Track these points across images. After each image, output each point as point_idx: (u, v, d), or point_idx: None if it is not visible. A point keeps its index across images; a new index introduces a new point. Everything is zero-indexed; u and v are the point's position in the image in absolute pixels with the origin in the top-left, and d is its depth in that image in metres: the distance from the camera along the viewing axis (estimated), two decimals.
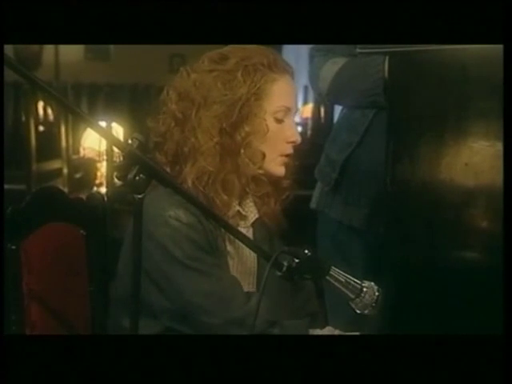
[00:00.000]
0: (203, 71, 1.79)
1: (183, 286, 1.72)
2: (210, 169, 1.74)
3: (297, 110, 1.87)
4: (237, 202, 1.84)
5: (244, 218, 1.86)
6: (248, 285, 1.86)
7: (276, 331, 1.73)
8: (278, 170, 1.83)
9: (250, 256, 1.86)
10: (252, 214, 1.88)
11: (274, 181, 1.86)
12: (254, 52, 1.80)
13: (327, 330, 1.84)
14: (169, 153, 1.79)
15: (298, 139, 1.82)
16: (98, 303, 1.96)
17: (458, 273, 1.83)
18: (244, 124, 1.76)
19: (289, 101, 1.82)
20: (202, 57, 1.82)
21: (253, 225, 1.89)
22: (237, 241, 1.79)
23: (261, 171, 1.80)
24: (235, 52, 1.79)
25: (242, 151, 1.77)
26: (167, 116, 1.80)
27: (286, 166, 1.84)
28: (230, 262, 1.82)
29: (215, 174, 1.75)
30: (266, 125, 1.77)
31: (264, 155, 1.78)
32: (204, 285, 1.72)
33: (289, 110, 1.81)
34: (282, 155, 1.81)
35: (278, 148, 1.81)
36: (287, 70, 1.83)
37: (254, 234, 1.88)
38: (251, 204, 1.88)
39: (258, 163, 1.78)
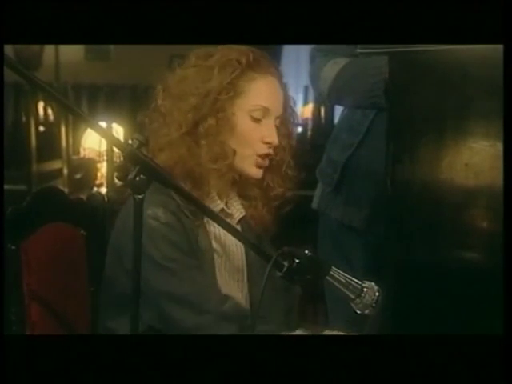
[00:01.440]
0: (188, 67, 1.82)
1: (157, 287, 1.71)
2: (175, 158, 1.75)
3: (284, 116, 1.86)
4: (223, 201, 1.84)
5: (229, 216, 1.86)
6: (237, 281, 1.86)
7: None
8: (253, 170, 1.82)
9: (238, 253, 1.86)
10: (238, 212, 1.88)
11: (262, 186, 1.86)
12: (236, 50, 1.81)
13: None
14: (154, 148, 1.80)
15: (275, 141, 1.82)
16: (97, 303, 1.95)
17: (458, 273, 1.83)
18: (208, 117, 1.77)
19: (268, 101, 1.81)
20: (190, 53, 1.83)
21: (239, 222, 1.89)
22: (223, 238, 1.80)
23: (229, 168, 1.79)
24: (220, 50, 1.81)
25: (203, 142, 1.77)
26: (156, 113, 1.81)
27: (264, 168, 1.83)
28: (218, 260, 1.82)
29: (182, 164, 1.76)
30: (234, 121, 1.78)
31: (234, 152, 1.79)
32: (177, 287, 1.71)
33: (267, 111, 1.81)
34: (257, 155, 1.81)
35: (252, 147, 1.81)
36: (271, 71, 1.83)
37: (242, 230, 1.88)
38: (237, 203, 1.88)
39: (226, 159, 1.78)
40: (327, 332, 1.82)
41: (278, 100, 1.84)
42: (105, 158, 4.57)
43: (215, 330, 1.69)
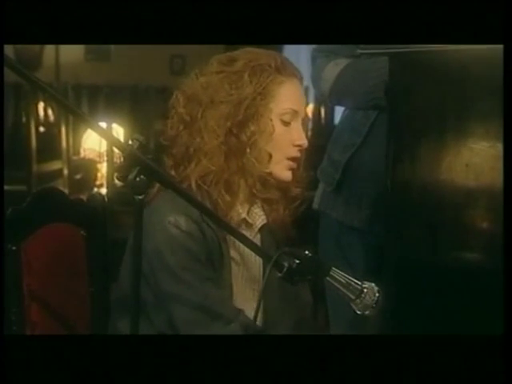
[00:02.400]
0: (211, 73, 1.79)
1: (171, 296, 1.70)
2: (212, 168, 1.74)
3: (306, 115, 1.86)
4: (244, 210, 1.83)
5: (250, 225, 1.85)
6: (252, 291, 1.85)
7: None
8: (284, 173, 1.81)
9: (256, 262, 1.85)
10: (259, 219, 1.86)
11: (283, 187, 1.85)
12: (262, 54, 1.79)
13: None
14: (177, 156, 1.78)
15: (305, 143, 1.81)
16: (98, 304, 1.95)
17: (459, 273, 1.83)
18: (250, 123, 1.75)
19: (296, 104, 1.81)
20: (211, 59, 1.82)
21: (260, 230, 1.88)
22: (242, 247, 1.79)
23: (267, 170, 1.80)
24: (243, 55, 1.79)
25: (248, 150, 1.76)
26: (176, 120, 1.80)
27: (293, 171, 1.83)
28: (236, 269, 1.81)
29: (219, 174, 1.75)
30: (273, 125, 1.77)
31: (270, 156, 1.78)
32: (190, 298, 1.70)
33: (296, 113, 1.80)
34: (288, 158, 1.81)
35: (284, 151, 1.80)
36: (295, 74, 1.82)
37: (261, 239, 1.87)
38: (258, 210, 1.87)
39: (264, 163, 1.78)
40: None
41: (303, 102, 1.84)
42: (105, 158, 4.57)
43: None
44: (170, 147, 1.80)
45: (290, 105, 1.79)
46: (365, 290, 1.66)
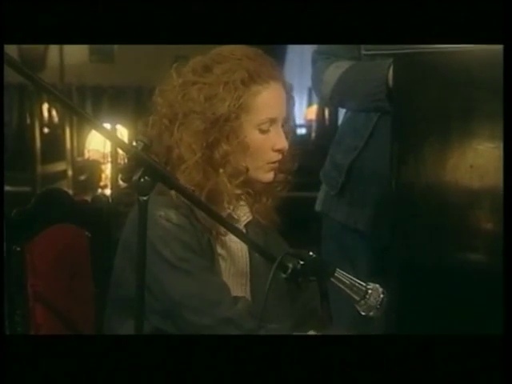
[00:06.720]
0: (188, 82, 1.78)
1: (171, 287, 1.72)
2: (192, 187, 1.74)
3: (287, 117, 1.84)
4: (231, 206, 1.83)
5: (236, 221, 1.85)
6: (241, 286, 1.85)
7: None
8: (266, 176, 1.82)
9: (242, 258, 1.86)
10: (244, 216, 1.87)
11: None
12: (236, 65, 1.78)
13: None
14: (159, 156, 1.78)
15: (285, 146, 1.81)
16: (102, 305, 1.95)
17: (463, 274, 1.83)
18: (223, 143, 1.76)
19: (273, 111, 1.79)
20: (188, 63, 1.81)
21: (246, 227, 1.88)
22: (228, 243, 1.80)
23: (238, 191, 1.81)
24: (218, 62, 1.78)
25: (221, 171, 1.78)
26: (158, 117, 1.80)
27: (275, 171, 1.83)
28: (222, 264, 1.82)
29: (199, 189, 1.75)
30: (247, 142, 1.77)
31: (247, 169, 1.79)
32: (192, 286, 1.71)
33: (274, 120, 1.79)
34: (268, 163, 1.81)
35: (263, 157, 1.80)
36: (273, 76, 1.80)
37: (247, 235, 1.88)
38: (243, 205, 1.87)
39: (239, 178, 1.79)
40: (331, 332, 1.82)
41: (282, 106, 1.83)
42: (109, 159, 4.57)
43: (228, 330, 1.69)
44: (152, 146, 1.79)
45: (267, 114, 1.78)
46: (369, 292, 1.66)
